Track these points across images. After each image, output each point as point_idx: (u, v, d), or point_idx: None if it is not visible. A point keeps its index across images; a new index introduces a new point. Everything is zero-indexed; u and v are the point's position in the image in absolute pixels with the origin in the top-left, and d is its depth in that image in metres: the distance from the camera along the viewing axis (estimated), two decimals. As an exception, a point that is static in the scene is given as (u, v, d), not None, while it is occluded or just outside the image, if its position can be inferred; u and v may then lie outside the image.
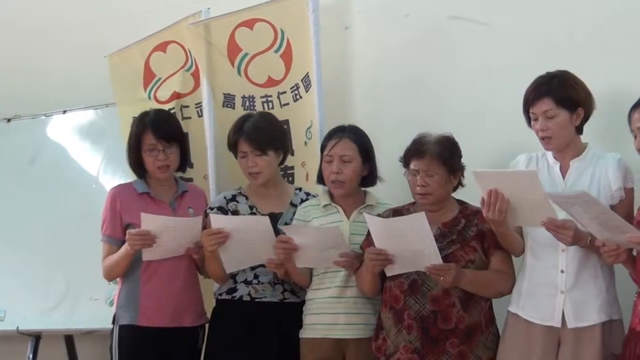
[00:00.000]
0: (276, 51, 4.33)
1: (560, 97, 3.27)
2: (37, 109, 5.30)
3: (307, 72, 4.15)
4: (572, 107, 3.29)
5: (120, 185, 4.00)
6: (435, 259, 3.22)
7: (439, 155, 3.41)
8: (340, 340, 3.56)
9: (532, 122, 3.35)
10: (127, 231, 3.69)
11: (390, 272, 3.36)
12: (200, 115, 4.59)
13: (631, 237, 2.97)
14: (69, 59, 5.35)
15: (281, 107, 4.32)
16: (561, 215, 3.16)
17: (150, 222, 3.63)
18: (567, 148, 3.35)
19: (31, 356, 5.01)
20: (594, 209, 3.00)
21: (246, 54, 4.41)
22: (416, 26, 4.29)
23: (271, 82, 4.36)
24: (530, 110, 3.33)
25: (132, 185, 3.91)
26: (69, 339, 5.09)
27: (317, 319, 3.61)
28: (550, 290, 3.28)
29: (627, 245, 3.04)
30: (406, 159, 3.47)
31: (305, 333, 3.65)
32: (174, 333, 3.78)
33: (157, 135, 3.80)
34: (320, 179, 3.74)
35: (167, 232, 3.64)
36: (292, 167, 4.27)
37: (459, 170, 3.48)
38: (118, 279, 3.89)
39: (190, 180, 4.37)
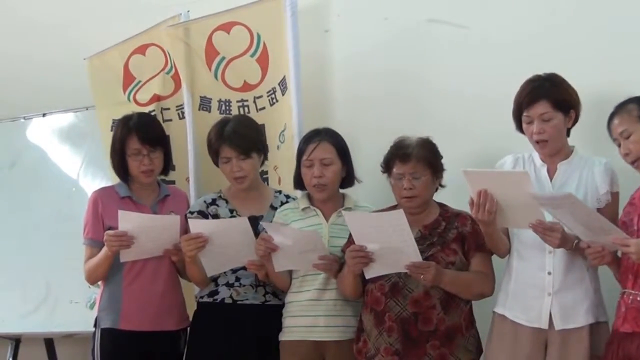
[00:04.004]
0: (252, 55, 4.31)
1: (556, 100, 3.28)
2: (16, 112, 5.28)
3: (284, 75, 4.13)
4: (567, 109, 3.31)
5: (102, 189, 3.99)
6: (415, 257, 3.23)
7: (424, 158, 3.42)
8: (319, 342, 3.56)
9: (526, 126, 3.34)
10: (105, 232, 3.66)
11: (369, 273, 3.36)
12: (181, 118, 4.55)
13: (615, 238, 2.99)
14: (49, 62, 5.32)
15: (257, 111, 4.30)
16: (548, 218, 3.16)
17: (127, 219, 3.60)
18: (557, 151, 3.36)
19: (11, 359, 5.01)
20: (579, 211, 3.02)
21: (223, 58, 4.39)
22: (395, 29, 4.29)
23: (247, 87, 4.34)
24: (525, 114, 3.32)
25: (114, 189, 3.89)
26: (49, 342, 5.08)
27: (296, 322, 3.61)
28: (536, 292, 3.30)
29: (611, 247, 3.05)
30: (389, 164, 3.48)
31: (284, 336, 3.64)
32: (155, 337, 3.77)
33: (142, 139, 3.79)
34: (298, 184, 3.75)
35: (145, 231, 3.61)
36: (266, 172, 4.24)
37: (442, 171, 3.50)
38: (100, 282, 3.88)
39: (173, 182, 4.35)
